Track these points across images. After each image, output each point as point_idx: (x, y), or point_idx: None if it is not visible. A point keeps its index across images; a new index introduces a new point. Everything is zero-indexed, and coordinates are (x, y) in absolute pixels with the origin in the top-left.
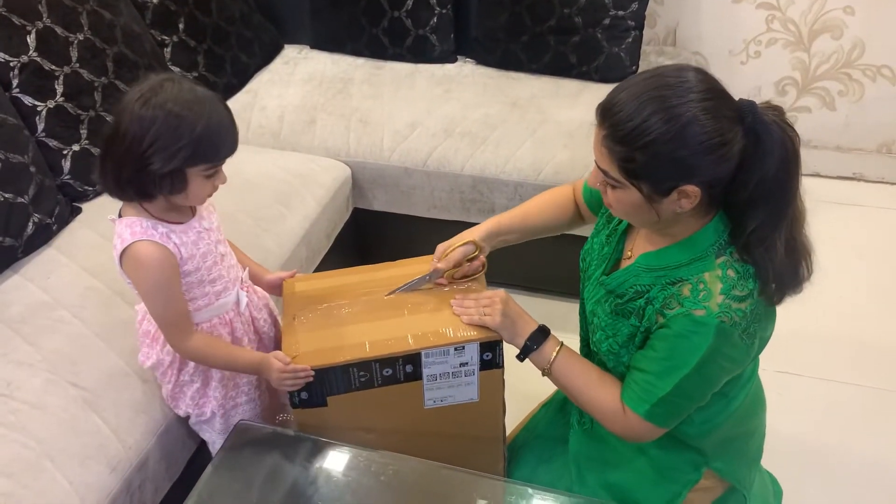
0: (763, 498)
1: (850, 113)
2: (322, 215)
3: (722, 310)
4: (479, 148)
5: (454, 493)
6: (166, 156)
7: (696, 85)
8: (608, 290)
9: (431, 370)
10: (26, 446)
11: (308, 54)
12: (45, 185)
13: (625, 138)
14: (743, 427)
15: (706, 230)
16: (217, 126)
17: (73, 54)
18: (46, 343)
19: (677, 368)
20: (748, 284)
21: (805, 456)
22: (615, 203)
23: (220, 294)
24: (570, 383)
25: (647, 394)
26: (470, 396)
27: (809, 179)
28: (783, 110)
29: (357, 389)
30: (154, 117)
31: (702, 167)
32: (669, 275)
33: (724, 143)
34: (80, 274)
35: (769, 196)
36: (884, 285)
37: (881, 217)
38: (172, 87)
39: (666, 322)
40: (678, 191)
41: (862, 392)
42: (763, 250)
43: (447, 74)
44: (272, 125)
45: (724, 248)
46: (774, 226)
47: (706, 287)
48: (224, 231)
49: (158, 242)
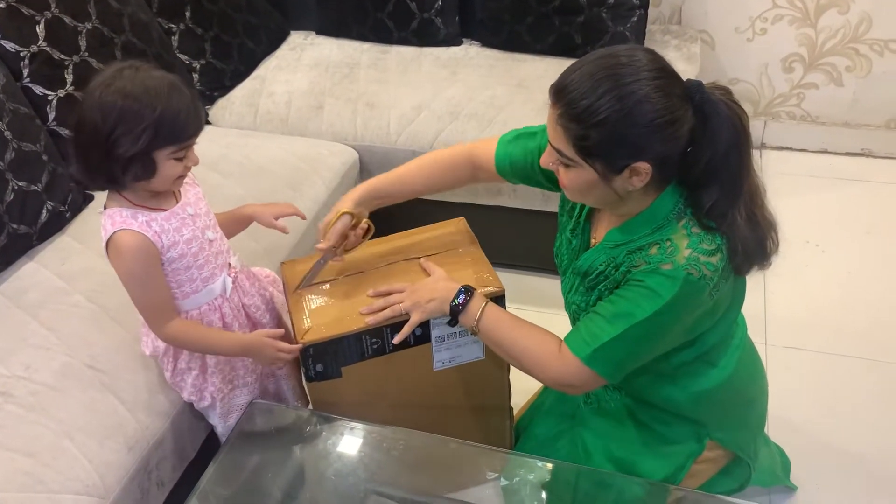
0: (771, 469)
1: (857, 89)
2: (331, 199)
3: (689, 262)
4: (485, 129)
5: (464, 466)
6: (131, 138)
7: (647, 64)
8: (580, 274)
9: (439, 331)
10: (47, 427)
11: (314, 40)
12: (58, 173)
13: (579, 116)
14: (741, 396)
15: (663, 198)
16: (178, 106)
17: (82, 43)
18: (63, 327)
19: (632, 315)
20: (716, 239)
21: (814, 429)
22: (569, 183)
23: (208, 280)
24: (501, 332)
25: (593, 337)
26: (476, 354)
27: (817, 156)
28: (730, 91)
29: (370, 357)
30: (113, 102)
31: (653, 144)
32: (636, 243)
33: (674, 121)
34: (93, 260)
35: (721, 173)
36: (891, 261)
37: (889, 192)
38: (131, 72)
39: (632, 276)
40: (630, 168)
41: (872, 366)
42: (726, 226)
43: (453, 57)
44: (280, 111)
45: (683, 211)
46: (731, 201)
47: (673, 244)
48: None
49: (137, 231)
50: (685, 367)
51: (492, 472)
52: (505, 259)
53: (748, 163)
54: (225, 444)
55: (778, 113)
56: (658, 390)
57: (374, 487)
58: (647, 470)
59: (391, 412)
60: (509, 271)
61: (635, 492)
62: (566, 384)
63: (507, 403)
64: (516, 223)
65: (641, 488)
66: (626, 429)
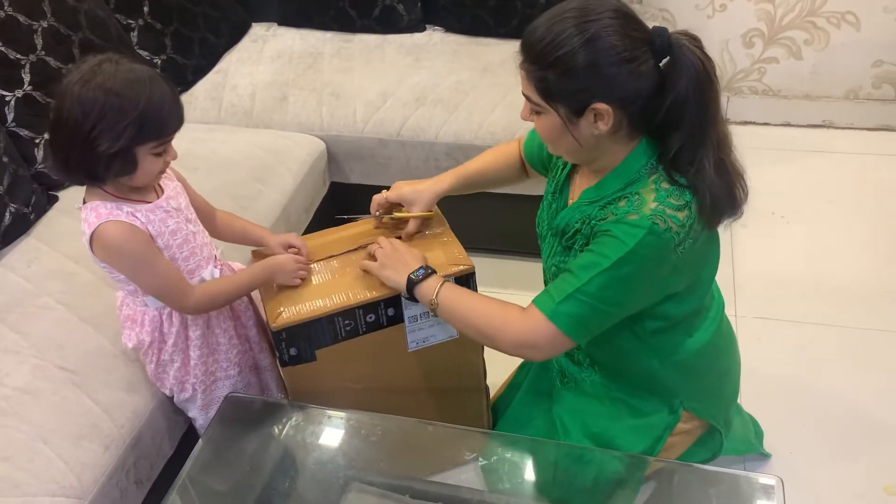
0: (744, 438)
1: (816, 61)
2: (299, 190)
3: (655, 212)
4: (452, 115)
5: (442, 447)
6: (113, 136)
7: (607, 8)
8: (557, 234)
9: (412, 311)
10: (19, 430)
11: (276, 31)
12: (20, 174)
13: (537, 56)
14: (715, 368)
15: (635, 153)
16: (160, 101)
17: (38, 42)
18: (32, 330)
19: (596, 264)
20: (685, 196)
21: (786, 397)
22: (541, 131)
23: (194, 272)
24: (462, 303)
25: (559, 291)
26: (450, 333)
27: (780, 129)
28: (699, 39)
29: (344, 339)
30: (95, 98)
31: (610, 82)
32: (607, 198)
33: (631, 59)
34: (61, 261)
35: (685, 117)
36: (855, 229)
37: (851, 162)
38: (111, 66)
39: (599, 228)
40: (592, 110)
41: (839, 333)
42: (694, 172)
43: (417, 43)
44: (244, 104)
45: (655, 168)
46: (697, 147)
47: (641, 197)
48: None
49: (124, 220)
50: (662, 336)
51: (470, 452)
52: (486, 244)
53: (714, 109)
54: (202, 439)
55: (740, 88)
56: (636, 359)
57: (354, 474)
58: (624, 444)
59: (369, 397)
60: (491, 257)
61: (614, 466)
62: (529, 344)
63: (482, 384)
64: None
65: (620, 462)
66: (603, 404)
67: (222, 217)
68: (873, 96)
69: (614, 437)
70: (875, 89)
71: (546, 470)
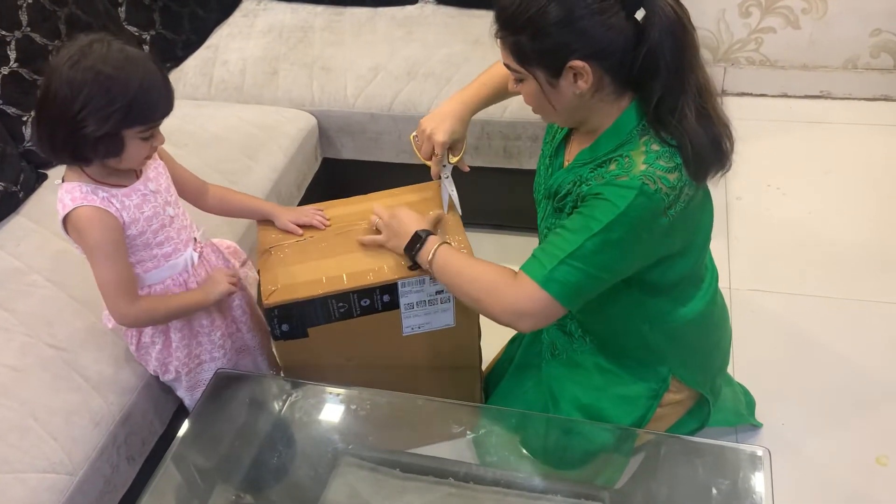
0: (735, 409)
1: (814, 31)
2: (290, 166)
3: (644, 173)
4: (443, 88)
5: (431, 420)
6: (100, 118)
7: None
8: (551, 195)
9: (408, 299)
10: (9, 408)
11: (267, 5)
12: (8, 152)
13: (508, 21)
14: (705, 339)
15: (627, 114)
16: (150, 86)
17: (24, 18)
18: (21, 307)
19: (587, 228)
20: (675, 158)
21: (778, 368)
22: (526, 98)
23: (170, 256)
24: (455, 264)
25: (549, 257)
26: (446, 322)
27: (777, 100)
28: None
29: (337, 320)
30: (84, 80)
31: (583, 37)
32: (599, 160)
33: (602, 11)
34: (50, 239)
35: (660, 65)
36: (852, 199)
37: (849, 132)
38: (101, 47)
39: (589, 191)
40: (570, 68)
41: (833, 304)
42: (676, 122)
43: (408, 16)
44: (234, 79)
45: (646, 129)
46: (677, 94)
47: (631, 159)
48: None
49: (99, 207)
50: (654, 301)
51: (461, 425)
52: (486, 220)
53: (690, 55)
54: (192, 415)
55: (737, 59)
56: (627, 325)
57: (344, 449)
58: (614, 414)
59: (362, 372)
60: (492, 232)
61: (604, 437)
62: (521, 312)
63: (477, 364)
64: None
65: (611, 433)
66: (592, 376)
67: (216, 192)
68: (872, 66)
69: (604, 409)
70: (873, 59)
71: (536, 442)
